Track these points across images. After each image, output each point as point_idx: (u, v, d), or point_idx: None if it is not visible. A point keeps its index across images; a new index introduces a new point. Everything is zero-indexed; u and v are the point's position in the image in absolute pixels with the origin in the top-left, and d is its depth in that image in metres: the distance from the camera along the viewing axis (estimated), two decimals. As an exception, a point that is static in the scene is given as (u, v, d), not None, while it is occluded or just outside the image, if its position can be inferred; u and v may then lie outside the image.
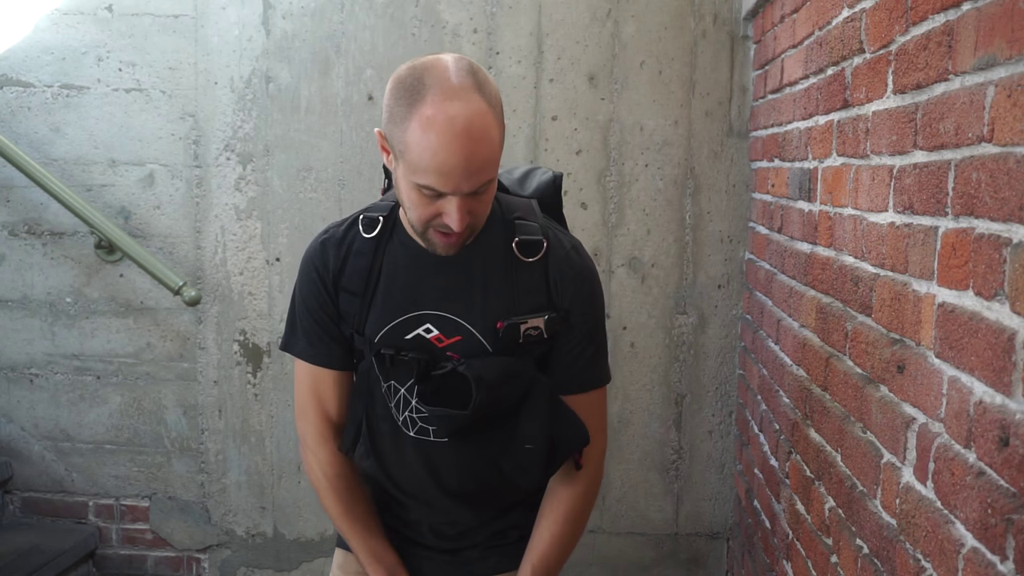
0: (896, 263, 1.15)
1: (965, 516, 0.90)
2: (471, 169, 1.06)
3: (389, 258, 1.24)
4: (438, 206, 1.09)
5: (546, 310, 1.22)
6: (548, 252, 1.24)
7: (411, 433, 1.26)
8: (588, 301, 1.27)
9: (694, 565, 2.51)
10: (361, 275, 1.24)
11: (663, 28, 2.34)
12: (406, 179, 1.09)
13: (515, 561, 1.35)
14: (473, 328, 1.22)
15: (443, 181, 1.06)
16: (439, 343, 1.23)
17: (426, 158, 1.04)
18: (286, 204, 2.45)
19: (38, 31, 2.45)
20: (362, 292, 1.24)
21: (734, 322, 2.42)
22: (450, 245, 1.16)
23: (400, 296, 1.23)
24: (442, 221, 1.11)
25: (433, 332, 1.22)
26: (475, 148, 1.05)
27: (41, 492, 2.61)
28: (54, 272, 2.52)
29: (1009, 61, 0.85)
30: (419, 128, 1.04)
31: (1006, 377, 0.83)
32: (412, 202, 1.11)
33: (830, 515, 1.40)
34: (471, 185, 1.07)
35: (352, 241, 1.26)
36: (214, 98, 2.44)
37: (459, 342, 1.22)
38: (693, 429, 2.46)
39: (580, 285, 1.25)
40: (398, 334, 1.23)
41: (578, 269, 1.26)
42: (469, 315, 1.22)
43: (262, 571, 2.59)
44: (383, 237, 1.25)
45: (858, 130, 1.34)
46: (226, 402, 2.53)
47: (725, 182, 2.37)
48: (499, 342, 1.21)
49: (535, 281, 1.22)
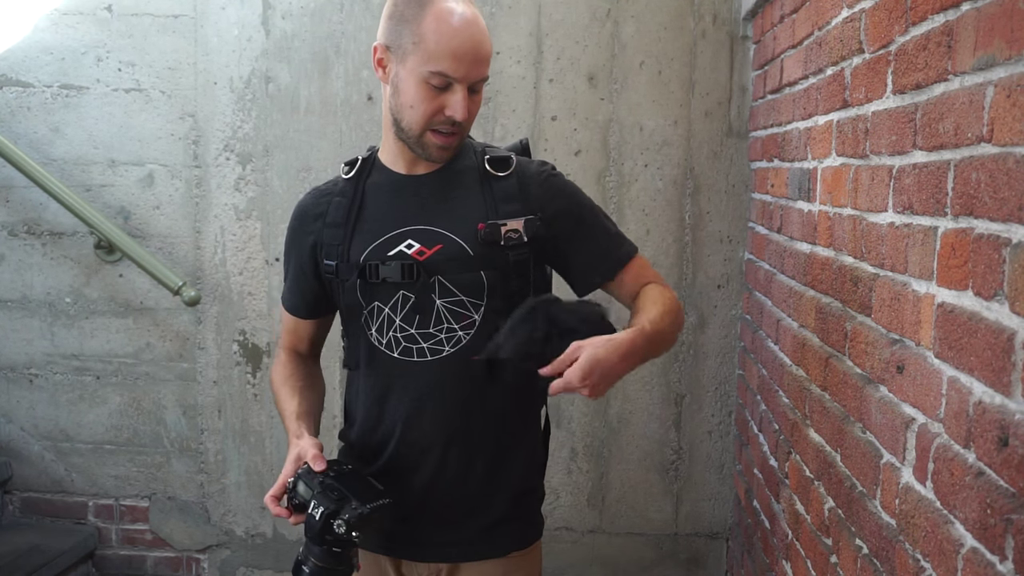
0: (896, 263, 1.15)
1: (964, 516, 0.90)
2: (479, 57, 1.22)
3: (370, 190, 1.34)
4: (442, 100, 1.22)
5: (523, 214, 1.28)
6: (518, 166, 1.34)
7: (395, 354, 1.29)
8: (565, 193, 1.35)
9: (694, 565, 2.51)
10: (342, 208, 1.33)
11: (663, 28, 2.34)
12: (415, 73, 1.21)
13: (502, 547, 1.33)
14: (454, 235, 1.27)
15: (456, 66, 1.19)
16: (420, 256, 1.27)
17: (444, 43, 1.19)
18: (286, 204, 2.45)
19: (38, 31, 2.45)
20: (344, 223, 1.32)
21: (734, 322, 2.42)
22: (445, 147, 1.26)
23: (381, 219, 1.31)
24: (444, 116, 1.22)
25: (415, 246, 1.28)
26: (482, 39, 1.23)
27: (41, 492, 2.61)
28: (54, 272, 2.52)
29: (1008, 61, 0.85)
30: (436, 19, 1.19)
31: (1005, 377, 0.83)
32: (418, 99, 1.22)
33: (830, 515, 1.40)
34: (477, 73, 1.22)
35: (336, 185, 1.37)
36: (214, 98, 2.44)
37: (440, 250, 1.27)
38: (693, 429, 2.46)
39: (552, 185, 1.33)
40: (380, 252, 1.29)
41: (547, 172, 1.35)
42: (449, 223, 1.28)
43: (262, 571, 2.59)
44: (362, 174, 1.35)
45: (857, 130, 1.34)
46: (226, 402, 2.53)
47: (725, 182, 2.37)
48: (480, 245, 1.26)
49: (509, 190, 1.30)
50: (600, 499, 2.50)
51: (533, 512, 1.42)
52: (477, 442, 1.32)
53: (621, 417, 2.47)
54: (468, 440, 1.31)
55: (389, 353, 1.30)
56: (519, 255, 1.28)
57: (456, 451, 1.31)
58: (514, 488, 1.35)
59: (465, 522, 1.33)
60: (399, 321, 1.28)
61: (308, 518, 1.20)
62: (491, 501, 1.34)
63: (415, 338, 1.28)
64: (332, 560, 1.20)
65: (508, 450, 1.35)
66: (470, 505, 1.33)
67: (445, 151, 1.27)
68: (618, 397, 2.45)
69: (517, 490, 1.36)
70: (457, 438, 1.30)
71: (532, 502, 1.41)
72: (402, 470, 1.32)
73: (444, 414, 1.29)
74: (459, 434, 1.30)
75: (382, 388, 1.32)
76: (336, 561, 1.20)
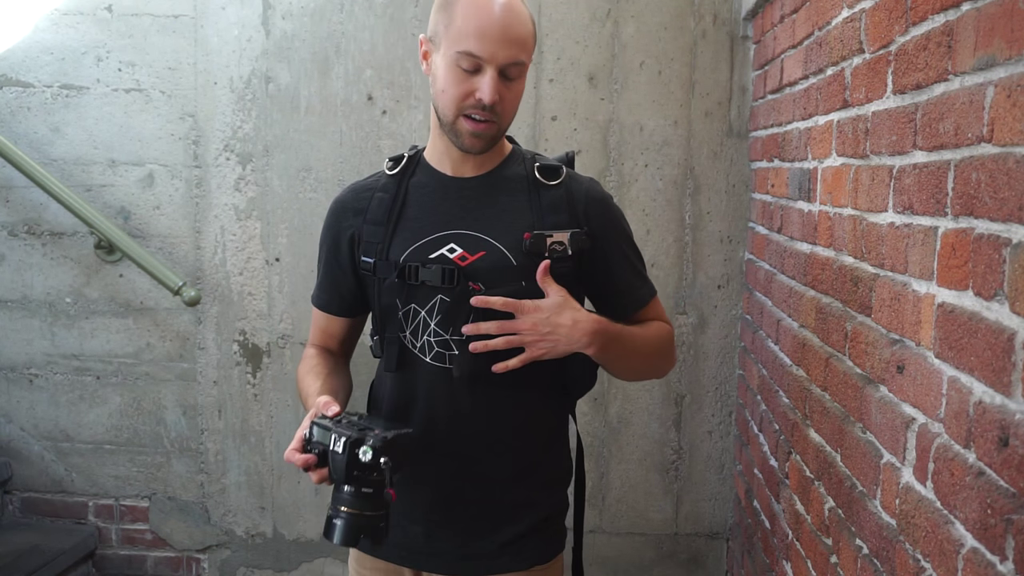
0: (896, 263, 1.15)
1: (965, 516, 0.90)
2: (507, 37, 1.18)
3: (413, 189, 1.31)
4: (473, 83, 1.19)
5: (569, 227, 1.26)
6: (568, 177, 1.31)
7: (427, 359, 1.27)
8: (611, 216, 1.33)
9: (694, 565, 2.51)
10: (384, 205, 1.30)
11: (663, 28, 2.34)
12: (447, 57, 1.19)
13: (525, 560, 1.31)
14: (497, 242, 1.25)
15: (482, 45, 1.17)
16: (462, 261, 1.25)
17: (471, 21, 1.17)
18: (286, 204, 2.45)
19: (38, 31, 2.45)
20: (385, 221, 1.29)
21: (734, 322, 2.42)
22: (477, 134, 1.22)
23: (424, 220, 1.28)
24: (475, 100, 1.19)
25: (457, 251, 1.25)
26: (512, 19, 1.19)
27: (41, 492, 2.61)
28: (54, 272, 2.52)
29: (1009, 61, 0.85)
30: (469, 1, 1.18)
31: (1006, 377, 0.83)
32: (449, 82, 1.20)
33: (830, 515, 1.40)
34: (507, 55, 1.18)
35: (378, 181, 1.35)
36: (214, 98, 2.44)
37: (483, 257, 1.24)
38: (693, 429, 2.46)
39: (604, 206, 1.32)
40: (422, 254, 1.26)
41: (599, 191, 1.34)
42: (493, 230, 1.26)
43: (262, 571, 2.59)
44: (406, 172, 1.33)
45: (858, 130, 1.34)
46: (226, 402, 2.53)
47: (725, 182, 2.37)
48: (524, 255, 1.24)
49: (557, 201, 1.28)
50: (600, 499, 2.50)
51: (557, 526, 1.38)
52: (503, 454, 1.29)
53: (621, 417, 2.47)
54: (494, 451, 1.29)
55: (422, 357, 1.27)
56: (562, 268, 1.24)
57: (482, 462, 1.29)
58: (540, 503, 1.33)
59: (488, 535, 1.30)
60: (434, 326, 1.26)
61: (331, 457, 1.11)
62: (515, 515, 1.31)
63: (449, 344, 1.26)
64: (364, 502, 1.10)
65: (536, 464, 1.32)
66: (494, 517, 1.30)
67: (477, 139, 1.23)
68: (618, 397, 2.45)
69: (542, 505, 1.33)
70: (483, 448, 1.28)
71: (556, 516, 1.37)
72: (425, 476, 1.30)
73: (472, 423, 1.27)
74: (485, 444, 1.28)
75: (411, 391, 1.29)
76: (368, 504, 1.10)
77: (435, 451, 1.28)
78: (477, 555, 1.31)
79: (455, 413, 1.27)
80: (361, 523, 1.11)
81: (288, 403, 2.51)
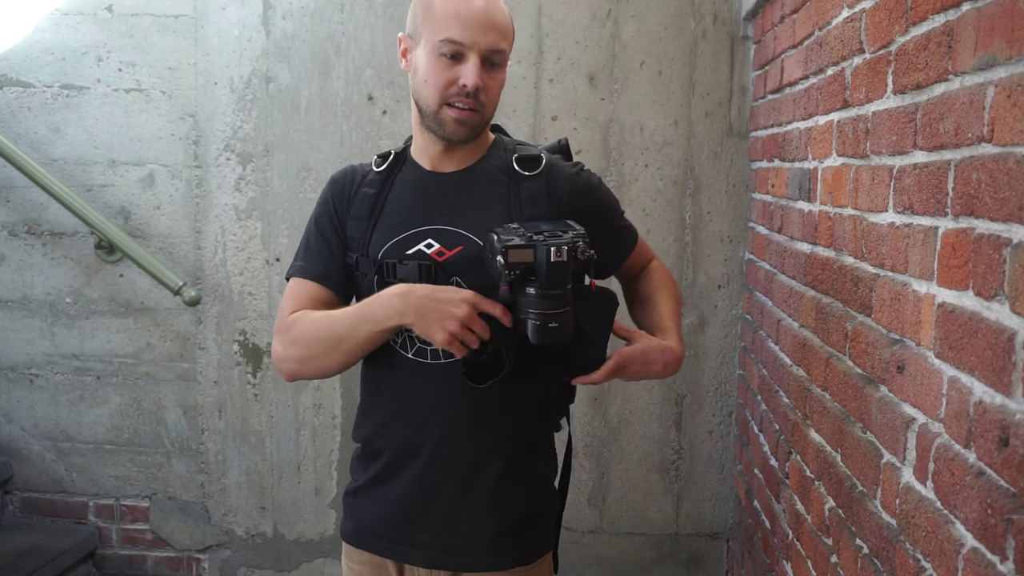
0: (896, 263, 1.15)
1: (965, 516, 0.90)
2: (489, 22, 1.20)
3: (396, 185, 1.32)
4: (456, 71, 1.20)
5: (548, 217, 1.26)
6: (548, 166, 1.31)
7: (409, 354, 1.27)
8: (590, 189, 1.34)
9: (694, 565, 2.51)
10: (368, 201, 1.31)
11: (663, 28, 2.34)
12: (428, 47, 1.21)
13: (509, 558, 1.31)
14: (476, 236, 1.24)
15: (463, 31, 1.18)
16: (440, 257, 1.25)
17: (450, 7, 1.19)
18: (286, 204, 2.45)
19: (38, 31, 2.45)
20: (367, 216, 1.30)
21: (734, 322, 2.42)
22: (462, 121, 1.22)
23: (403, 215, 1.29)
24: (458, 87, 1.20)
25: (434, 247, 1.25)
26: (491, 7, 1.21)
27: (41, 492, 2.61)
28: (54, 272, 2.52)
29: (1009, 61, 0.85)
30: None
31: (1006, 377, 0.83)
32: (431, 71, 1.21)
33: (830, 515, 1.40)
34: (488, 41, 1.20)
35: (365, 174, 1.34)
36: (214, 98, 2.44)
37: (461, 252, 1.25)
38: (693, 429, 2.46)
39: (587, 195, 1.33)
40: (399, 250, 1.27)
41: (582, 180, 1.33)
42: (472, 225, 1.26)
43: (262, 571, 2.59)
44: (393, 169, 1.33)
45: (858, 130, 1.34)
46: (226, 402, 2.53)
47: (725, 182, 2.37)
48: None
49: (536, 192, 1.28)
50: (600, 499, 2.50)
51: (542, 528, 1.36)
52: (487, 448, 1.28)
53: (621, 417, 2.47)
54: (478, 445, 1.28)
55: (404, 353, 1.27)
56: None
57: (464, 455, 1.28)
58: (522, 503, 1.31)
59: (470, 531, 1.30)
60: None
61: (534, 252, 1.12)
62: (497, 513, 1.30)
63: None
64: (549, 303, 1.13)
65: (520, 463, 1.31)
66: (476, 514, 1.29)
67: (462, 126, 1.23)
68: (618, 397, 2.45)
69: (525, 505, 1.32)
70: (466, 442, 1.28)
71: (541, 517, 1.35)
72: (409, 469, 1.30)
73: (455, 416, 1.27)
74: (468, 438, 1.28)
75: (395, 386, 1.30)
76: (553, 303, 1.13)
77: (418, 445, 1.29)
78: (457, 551, 1.30)
79: (438, 407, 1.27)
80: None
81: (288, 403, 2.51)
